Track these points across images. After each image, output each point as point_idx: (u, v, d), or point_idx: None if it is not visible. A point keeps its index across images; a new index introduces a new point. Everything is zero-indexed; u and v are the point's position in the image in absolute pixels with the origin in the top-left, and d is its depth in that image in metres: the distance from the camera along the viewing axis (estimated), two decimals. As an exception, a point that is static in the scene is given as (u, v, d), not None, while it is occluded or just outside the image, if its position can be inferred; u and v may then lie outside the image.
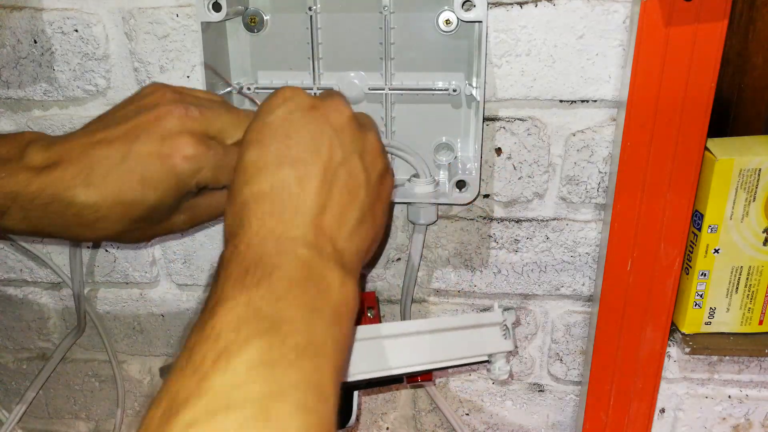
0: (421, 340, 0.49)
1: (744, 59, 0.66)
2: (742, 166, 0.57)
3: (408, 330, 0.49)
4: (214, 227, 0.68)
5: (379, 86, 0.59)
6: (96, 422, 0.81)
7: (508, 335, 0.53)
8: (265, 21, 0.58)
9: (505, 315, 0.53)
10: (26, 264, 0.73)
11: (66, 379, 0.78)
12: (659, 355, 0.64)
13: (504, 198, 0.63)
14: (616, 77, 0.57)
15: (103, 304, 0.73)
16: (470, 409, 0.74)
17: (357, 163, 0.39)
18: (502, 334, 0.52)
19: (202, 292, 0.72)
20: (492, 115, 0.60)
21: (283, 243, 0.34)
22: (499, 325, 0.52)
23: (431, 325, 0.50)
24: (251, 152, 0.38)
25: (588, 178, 0.61)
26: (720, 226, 0.59)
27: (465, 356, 0.51)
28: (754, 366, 0.65)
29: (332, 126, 0.39)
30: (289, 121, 0.38)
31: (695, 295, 0.62)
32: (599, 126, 0.59)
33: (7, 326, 0.76)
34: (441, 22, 0.56)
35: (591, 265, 0.65)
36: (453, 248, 0.66)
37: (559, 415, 0.73)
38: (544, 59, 0.57)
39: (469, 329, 0.51)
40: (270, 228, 0.35)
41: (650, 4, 0.51)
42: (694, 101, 0.54)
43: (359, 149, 0.39)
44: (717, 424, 0.69)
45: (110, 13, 0.60)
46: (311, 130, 0.38)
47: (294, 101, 0.40)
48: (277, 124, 0.38)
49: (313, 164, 0.37)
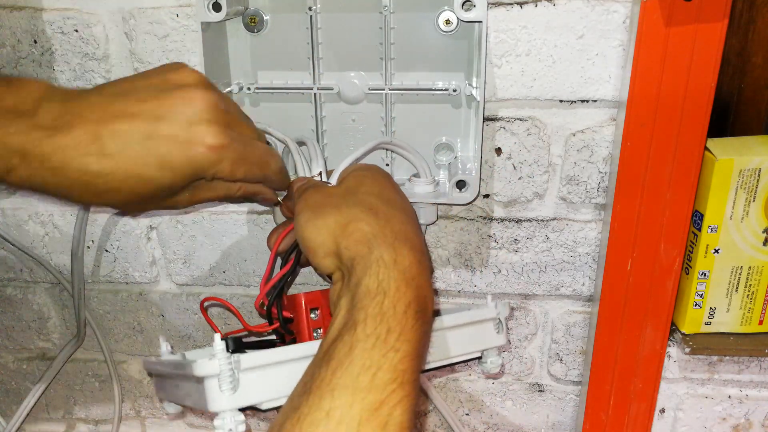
0: None
1: (744, 59, 0.66)
2: (742, 166, 0.57)
3: None
4: (214, 227, 0.68)
5: (379, 86, 0.59)
6: (96, 422, 0.81)
7: (500, 329, 0.52)
8: (265, 21, 0.58)
9: (498, 308, 0.53)
10: (26, 264, 0.73)
11: (66, 379, 0.78)
12: (659, 355, 0.64)
13: (504, 198, 0.63)
14: (616, 77, 0.57)
15: (103, 304, 0.73)
16: (470, 409, 0.74)
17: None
18: (495, 329, 0.52)
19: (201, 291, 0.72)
20: (492, 115, 0.60)
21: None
22: (492, 320, 0.52)
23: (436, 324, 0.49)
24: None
25: (588, 178, 0.61)
26: (720, 226, 0.59)
27: (458, 354, 0.50)
28: (754, 366, 0.65)
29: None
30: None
31: (695, 295, 0.62)
32: (599, 126, 0.59)
33: (7, 326, 0.76)
34: (441, 22, 0.56)
35: (591, 265, 0.65)
36: (453, 248, 0.66)
37: (559, 415, 0.73)
38: (544, 59, 0.57)
39: (463, 327, 0.50)
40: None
41: (650, 4, 0.51)
42: (694, 101, 0.54)
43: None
44: (717, 424, 0.69)
45: (110, 13, 0.60)
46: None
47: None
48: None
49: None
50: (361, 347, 0.35)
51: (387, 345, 0.36)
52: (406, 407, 0.35)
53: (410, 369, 0.36)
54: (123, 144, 0.39)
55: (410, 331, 0.37)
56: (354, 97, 0.60)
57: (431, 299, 0.40)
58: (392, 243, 0.40)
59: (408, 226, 0.43)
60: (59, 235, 0.70)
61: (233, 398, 0.39)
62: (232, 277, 0.70)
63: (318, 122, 0.61)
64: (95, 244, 0.70)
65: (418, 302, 0.38)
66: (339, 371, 0.35)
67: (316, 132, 0.61)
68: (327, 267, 0.43)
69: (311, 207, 0.44)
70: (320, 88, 0.59)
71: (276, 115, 0.61)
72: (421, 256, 0.41)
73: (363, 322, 0.36)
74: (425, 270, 0.40)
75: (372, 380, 0.34)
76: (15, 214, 0.70)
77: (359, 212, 0.42)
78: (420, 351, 0.37)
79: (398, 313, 0.37)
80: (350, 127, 0.61)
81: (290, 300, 0.50)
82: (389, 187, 0.47)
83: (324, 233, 0.42)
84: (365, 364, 0.35)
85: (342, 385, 0.34)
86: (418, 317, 0.38)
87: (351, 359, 0.35)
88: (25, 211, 0.70)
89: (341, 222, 0.42)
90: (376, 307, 0.37)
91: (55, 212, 0.69)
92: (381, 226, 0.41)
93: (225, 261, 0.69)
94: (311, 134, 0.61)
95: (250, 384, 0.40)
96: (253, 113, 0.61)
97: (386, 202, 0.44)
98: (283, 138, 0.56)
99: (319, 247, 0.42)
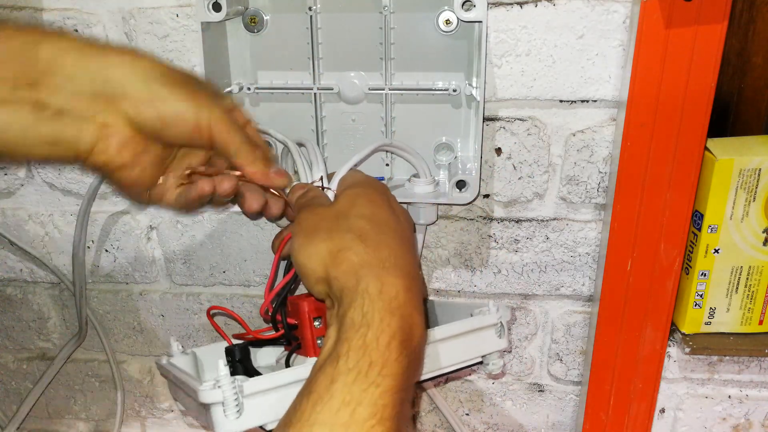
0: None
1: (744, 59, 0.66)
2: (742, 166, 0.57)
3: None
4: (214, 227, 0.68)
5: (379, 86, 0.59)
6: (96, 422, 0.81)
7: (502, 334, 0.52)
8: (265, 21, 0.58)
9: (500, 313, 0.53)
10: (26, 264, 0.73)
11: (66, 379, 0.78)
12: (659, 355, 0.64)
13: (504, 198, 0.63)
14: (616, 77, 0.57)
15: (104, 304, 0.73)
16: (470, 409, 0.74)
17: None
18: (496, 334, 0.52)
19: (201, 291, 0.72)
20: (492, 115, 0.60)
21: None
22: (494, 326, 0.52)
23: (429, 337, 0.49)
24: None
25: (588, 178, 0.61)
26: (720, 226, 0.59)
27: (461, 361, 0.50)
28: (754, 366, 0.65)
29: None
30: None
31: (695, 295, 0.62)
32: (599, 126, 0.59)
33: (7, 326, 0.76)
34: (441, 22, 0.56)
35: (591, 265, 0.65)
36: (453, 248, 0.66)
37: (559, 415, 0.73)
38: (544, 59, 0.57)
39: (463, 336, 0.51)
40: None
41: (650, 4, 0.51)
42: (694, 101, 0.53)
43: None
44: (717, 424, 0.69)
45: (110, 13, 0.60)
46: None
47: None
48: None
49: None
50: (342, 381, 0.36)
51: (368, 380, 0.36)
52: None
53: (391, 404, 0.36)
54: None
55: (393, 364, 0.37)
56: (354, 97, 0.60)
57: (419, 325, 0.40)
58: (378, 273, 0.40)
59: (398, 251, 0.43)
60: (59, 235, 0.70)
61: (238, 422, 0.41)
62: (232, 277, 0.70)
63: (318, 122, 0.61)
64: (95, 244, 0.70)
65: (403, 332, 0.38)
66: (318, 406, 0.35)
67: (316, 132, 0.61)
68: (319, 293, 0.43)
69: (304, 231, 0.44)
70: (320, 88, 0.59)
71: (276, 115, 0.61)
72: (410, 282, 0.41)
73: (345, 355, 0.37)
74: (414, 296, 0.41)
75: (351, 416, 0.35)
76: (15, 214, 0.70)
77: (349, 240, 0.42)
78: (404, 384, 0.37)
79: (381, 346, 0.37)
80: (350, 127, 0.61)
81: (294, 305, 0.49)
82: (382, 206, 0.46)
83: (315, 260, 0.42)
84: (345, 399, 0.35)
85: (320, 421, 0.35)
86: (402, 349, 0.38)
87: (331, 394, 0.35)
88: (25, 211, 0.70)
89: (332, 250, 0.42)
90: (360, 339, 0.37)
91: (55, 212, 0.69)
92: (369, 255, 0.41)
93: (225, 261, 0.69)
94: (311, 135, 0.61)
95: (254, 408, 0.41)
96: (253, 113, 0.61)
97: (377, 226, 0.44)
98: (284, 140, 0.56)
99: (312, 273, 0.43)
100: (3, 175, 0.68)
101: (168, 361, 0.52)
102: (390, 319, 0.38)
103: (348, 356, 0.36)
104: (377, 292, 0.39)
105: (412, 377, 0.40)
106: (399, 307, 0.39)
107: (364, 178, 0.50)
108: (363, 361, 0.36)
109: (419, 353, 0.41)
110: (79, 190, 0.68)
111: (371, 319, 0.38)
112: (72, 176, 0.67)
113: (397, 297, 0.39)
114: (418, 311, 0.41)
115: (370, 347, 0.37)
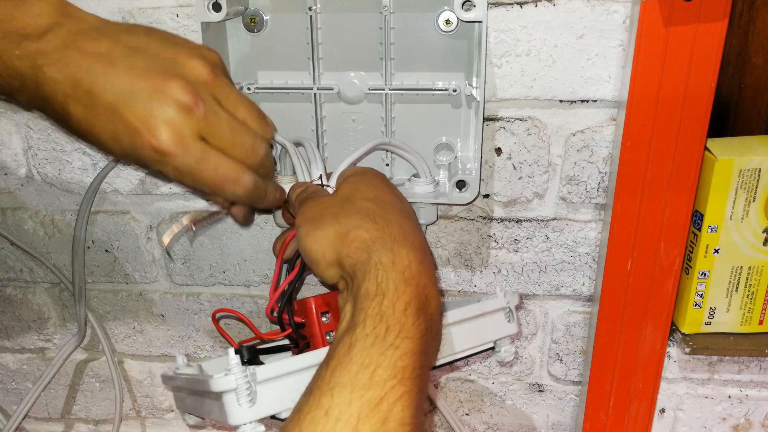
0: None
1: (744, 59, 0.66)
2: (742, 166, 0.57)
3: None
4: (214, 227, 0.68)
5: (379, 86, 0.59)
6: (96, 422, 0.81)
7: (512, 318, 0.52)
8: (265, 21, 0.58)
9: (508, 298, 0.53)
10: (26, 264, 0.73)
11: (66, 379, 0.78)
12: (659, 355, 0.64)
13: (504, 198, 0.63)
14: (616, 77, 0.57)
15: (104, 304, 0.73)
16: (470, 409, 0.74)
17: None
18: (506, 318, 0.52)
19: (201, 291, 0.72)
20: (492, 115, 0.60)
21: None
22: (503, 310, 0.52)
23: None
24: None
25: (588, 178, 0.61)
26: (720, 226, 0.59)
27: (473, 346, 0.50)
28: (754, 366, 0.66)
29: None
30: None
31: (695, 295, 0.62)
32: (599, 126, 0.59)
33: (7, 326, 0.77)
34: (441, 22, 0.56)
35: (591, 265, 0.65)
36: (453, 248, 0.66)
37: (559, 415, 0.73)
38: (544, 59, 0.57)
39: (474, 320, 0.50)
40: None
41: (650, 4, 0.51)
42: (694, 101, 0.54)
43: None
44: (717, 424, 0.69)
45: (110, 13, 0.60)
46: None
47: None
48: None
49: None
50: (360, 346, 0.36)
51: (386, 343, 0.36)
52: (407, 403, 0.35)
53: (411, 365, 0.36)
54: (94, 103, 0.40)
55: (411, 328, 0.37)
56: (354, 97, 0.60)
57: (434, 296, 0.40)
58: (390, 246, 0.40)
59: (406, 227, 0.43)
60: (59, 235, 0.70)
61: (252, 410, 0.40)
62: (232, 277, 0.70)
63: (318, 122, 0.61)
64: (95, 244, 0.70)
65: (419, 300, 0.38)
66: (338, 370, 0.35)
67: (316, 132, 0.61)
68: (331, 277, 0.43)
69: (310, 219, 0.44)
70: (320, 88, 0.59)
71: (276, 115, 0.61)
72: (422, 255, 0.41)
73: (362, 323, 0.37)
74: (427, 268, 0.41)
75: (371, 378, 0.35)
76: (15, 214, 0.70)
77: (357, 220, 0.42)
78: (423, 347, 0.37)
79: (397, 312, 0.37)
80: (350, 127, 0.61)
81: (300, 305, 0.50)
82: (385, 189, 0.47)
83: (324, 244, 0.42)
84: (364, 362, 0.35)
85: (341, 384, 0.34)
86: (419, 314, 0.38)
87: (350, 358, 0.35)
88: (25, 211, 0.70)
89: (341, 232, 0.42)
90: (376, 307, 0.37)
91: (55, 212, 0.69)
92: (379, 231, 0.41)
93: (225, 261, 0.69)
94: (311, 135, 0.61)
95: (267, 395, 0.41)
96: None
97: (383, 206, 0.44)
98: (282, 141, 0.56)
99: (322, 258, 0.42)
100: (3, 175, 0.68)
101: (174, 372, 0.52)
102: (405, 287, 0.38)
103: (365, 324, 0.36)
104: (390, 263, 0.39)
105: (431, 342, 0.39)
106: (413, 276, 0.39)
107: (363, 168, 0.51)
108: (380, 327, 0.36)
109: (437, 322, 0.41)
110: (79, 190, 0.68)
111: (386, 288, 0.38)
112: (72, 176, 0.67)
113: (410, 266, 0.39)
114: (433, 282, 0.41)
115: (386, 313, 0.37)
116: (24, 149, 0.67)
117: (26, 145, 0.66)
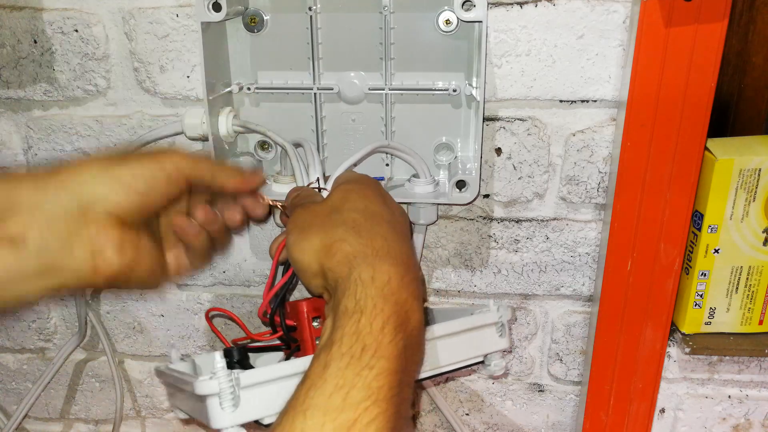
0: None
1: (744, 59, 0.66)
2: (742, 166, 0.57)
3: None
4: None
5: (379, 86, 0.59)
6: (96, 422, 0.81)
7: (503, 333, 0.52)
8: (265, 21, 0.58)
9: (500, 312, 0.52)
10: (26, 264, 0.73)
11: (66, 379, 0.78)
12: (659, 355, 0.64)
13: (504, 198, 0.63)
14: (616, 77, 0.57)
15: (104, 304, 0.73)
16: (470, 409, 0.74)
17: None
18: (498, 333, 0.52)
19: (201, 292, 0.72)
20: (492, 115, 0.60)
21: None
22: (494, 325, 0.52)
23: (428, 334, 0.48)
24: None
25: (588, 178, 0.61)
26: (720, 226, 0.59)
27: (461, 360, 0.50)
28: (754, 366, 0.65)
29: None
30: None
31: (695, 295, 0.62)
32: (599, 126, 0.59)
33: (7, 326, 0.76)
34: (441, 22, 0.56)
35: (591, 265, 0.65)
36: (453, 248, 0.66)
37: (559, 415, 0.73)
38: (544, 59, 0.57)
39: (462, 334, 0.50)
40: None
41: (650, 4, 0.51)
42: (694, 101, 0.53)
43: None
44: (717, 424, 0.69)
45: (110, 13, 0.60)
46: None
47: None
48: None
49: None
50: (335, 366, 0.36)
51: (361, 363, 0.36)
52: (381, 424, 0.35)
53: (387, 385, 0.36)
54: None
55: (388, 347, 0.37)
56: (354, 97, 0.60)
57: (415, 311, 0.40)
58: (372, 261, 0.40)
59: (391, 241, 0.42)
60: (59, 235, 0.70)
61: (234, 415, 0.40)
62: (232, 277, 0.70)
63: (318, 122, 0.61)
64: (95, 244, 0.70)
65: (398, 317, 0.38)
66: (312, 391, 0.35)
67: (316, 132, 0.61)
68: (315, 287, 0.43)
69: (299, 227, 0.44)
70: (320, 88, 0.59)
71: (276, 115, 0.61)
72: (404, 270, 0.41)
73: (339, 341, 0.37)
74: (408, 284, 0.40)
75: (344, 400, 0.34)
76: (15, 214, 0.70)
77: (342, 232, 0.42)
78: (401, 365, 0.37)
79: (375, 330, 0.37)
80: (350, 127, 0.61)
81: (293, 307, 0.49)
82: (375, 200, 0.46)
83: (310, 255, 0.42)
84: (338, 384, 0.35)
85: (314, 405, 0.34)
86: (397, 331, 0.38)
87: (324, 379, 0.35)
88: (25, 211, 0.70)
89: (326, 243, 0.42)
90: (353, 325, 0.37)
91: (55, 212, 0.69)
92: (363, 245, 0.41)
93: (225, 261, 0.69)
94: (311, 135, 0.61)
95: (250, 400, 0.41)
96: (253, 113, 0.61)
97: (371, 218, 0.44)
98: (282, 143, 0.56)
99: (308, 268, 0.43)
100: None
101: (167, 367, 0.52)
102: (383, 304, 0.38)
103: (341, 342, 0.36)
104: (369, 279, 0.39)
105: (410, 359, 0.39)
106: (393, 293, 0.39)
107: (357, 176, 0.51)
108: (356, 346, 0.36)
109: (417, 338, 0.41)
110: (79, 190, 0.68)
111: (364, 305, 0.38)
112: (72, 176, 0.67)
113: (390, 283, 0.39)
114: (414, 297, 0.40)
115: (363, 332, 0.37)
116: (24, 149, 0.67)
117: (26, 145, 0.66)
